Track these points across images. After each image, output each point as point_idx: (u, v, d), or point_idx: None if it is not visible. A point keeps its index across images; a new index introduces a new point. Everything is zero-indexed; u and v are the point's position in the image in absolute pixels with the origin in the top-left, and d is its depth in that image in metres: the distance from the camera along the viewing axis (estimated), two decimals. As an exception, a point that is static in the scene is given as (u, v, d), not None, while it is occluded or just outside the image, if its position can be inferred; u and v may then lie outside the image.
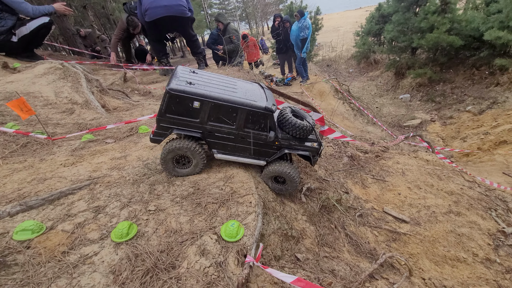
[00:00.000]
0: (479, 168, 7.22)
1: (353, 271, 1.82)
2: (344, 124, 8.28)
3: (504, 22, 8.64)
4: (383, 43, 14.58)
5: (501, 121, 8.42)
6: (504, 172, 4.75)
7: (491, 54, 9.78)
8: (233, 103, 1.57)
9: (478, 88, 9.99)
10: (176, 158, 1.66)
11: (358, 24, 16.30)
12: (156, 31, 4.98)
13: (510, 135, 7.86)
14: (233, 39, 7.07)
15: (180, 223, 1.36)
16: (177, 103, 1.52)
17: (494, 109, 8.95)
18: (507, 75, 9.08)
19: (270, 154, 1.80)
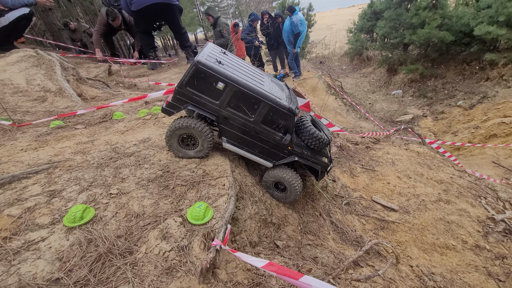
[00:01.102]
0: (470, 161, 7.23)
1: (337, 258, 1.72)
2: (337, 119, 8.22)
3: (494, 17, 8.68)
4: (376, 40, 14.61)
5: (491, 115, 8.46)
6: (493, 161, 4.73)
7: (481, 49, 9.83)
8: (258, 94, 1.46)
9: (468, 83, 10.04)
10: (182, 137, 1.53)
11: (351, 21, 16.30)
12: (144, 20, 4.79)
13: (500, 129, 7.89)
14: (223, 33, 6.95)
15: (144, 206, 1.25)
16: (201, 78, 1.41)
17: (484, 103, 8.99)
18: (497, 70, 9.13)
19: (279, 158, 1.69)
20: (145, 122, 1.95)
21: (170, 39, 18.74)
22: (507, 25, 8.67)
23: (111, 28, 5.39)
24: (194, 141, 1.55)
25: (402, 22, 11.33)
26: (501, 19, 8.49)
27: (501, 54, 9.21)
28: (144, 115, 2.07)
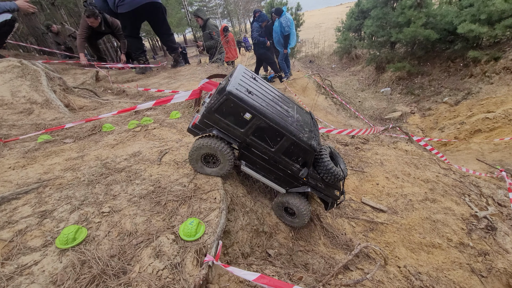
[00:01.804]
0: (456, 156, 7.44)
1: (328, 263, 1.78)
2: (327, 119, 8.32)
3: (476, 16, 8.93)
4: (364, 38, 14.81)
5: (475, 111, 8.73)
6: (477, 158, 4.90)
7: (465, 47, 10.11)
8: (283, 128, 1.51)
9: (453, 80, 10.31)
10: (205, 155, 1.58)
11: (339, 20, 16.47)
12: (134, 23, 4.69)
13: (484, 124, 8.16)
14: (213, 34, 6.93)
15: (136, 224, 1.26)
16: (230, 107, 1.46)
17: (469, 99, 9.27)
18: (480, 67, 9.41)
19: (293, 186, 1.75)
20: (135, 134, 1.96)
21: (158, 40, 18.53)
22: (488, 23, 8.93)
23: (95, 32, 5.27)
24: (216, 160, 1.60)
25: (389, 21, 11.53)
26: (483, 17, 8.74)
27: (483, 51, 9.50)
28: (134, 127, 2.07)
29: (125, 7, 4.30)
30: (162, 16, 4.91)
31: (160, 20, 4.93)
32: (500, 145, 7.46)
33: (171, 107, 2.60)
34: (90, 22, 4.85)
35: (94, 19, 4.85)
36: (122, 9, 4.34)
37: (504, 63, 8.75)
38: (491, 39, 9.41)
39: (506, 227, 2.65)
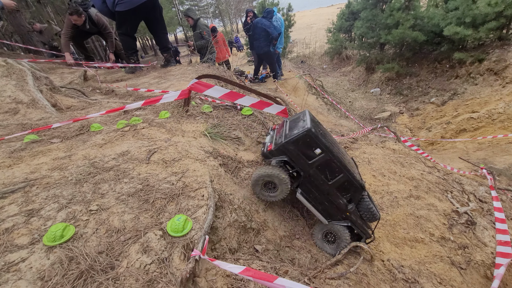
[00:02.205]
0: (442, 155, 7.66)
1: (314, 258, 1.84)
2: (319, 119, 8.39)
3: (461, 19, 9.21)
4: (354, 39, 15.04)
5: (461, 111, 9.00)
6: (460, 157, 5.06)
7: (451, 49, 10.41)
8: (343, 167, 1.77)
9: (440, 81, 10.60)
10: (265, 182, 1.83)
11: (330, 21, 16.68)
12: (133, 21, 4.64)
13: (469, 124, 8.42)
14: (203, 34, 6.93)
15: (124, 221, 1.28)
16: (306, 142, 1.70)
17: (455, 100, 9.55)
18: (465, 68, 9.71)
19: (336, 219, 1.94)
20: (123, 134, 1.97)
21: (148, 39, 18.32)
22: (472, 26, 9.21)
23: (81, 31, 5.17)
24: (274, 186, 1.84)
25: (378, 22, 11.75)
26: (467, 20, 9.01)
27: (468, 53, 9.78)
28: (122, 127, 2.08)
29: (125, 5, 4.26)
30: (159, 14, 4.90)
31: (158, 19, 4.92)
32: (484, 144, 7.72)
33: (160, 107, 2.61)
34: (73, 20, 4.76)
35: (77, 16, 4.75)
36: (122, 7, 4.29)
37: (487, 64, 9.05)
38: (475, 41, 9.72)
39: (485, 222, 2.77)
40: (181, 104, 2.44)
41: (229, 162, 2.00)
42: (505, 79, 8.40)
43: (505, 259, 1.86)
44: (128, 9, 4.26)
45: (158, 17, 4.85)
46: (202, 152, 1.88)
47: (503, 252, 1.90)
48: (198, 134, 2.06)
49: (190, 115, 2.33)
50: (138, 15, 4.51)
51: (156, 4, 4.63)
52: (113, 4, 4.32)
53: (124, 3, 4.24)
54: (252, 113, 2.59)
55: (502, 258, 1.86)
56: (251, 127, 2.44)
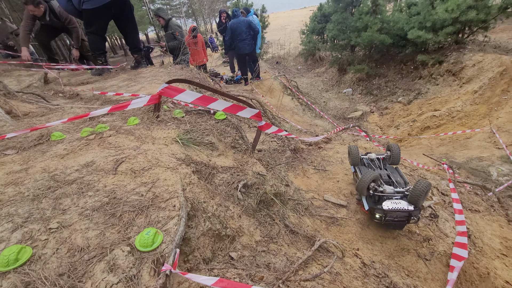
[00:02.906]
0: (409, 151, 8.14)
1: (289, 261, 1.86)
2: (294, 119, 8.58)
3: (422, 23, 9.87)
4: (326, 41, 15.51)
5: (424, 110, 9.63)
6: (424, 153, 5.41)
7: (414, 51, 11.11)
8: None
9: (406, 81, 11.27)
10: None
11: (303, 23, 17.05)
12: (102, 20, 4.36)
13: (432, 121, 9.03)
14: (176, 35, 6.76)
15: (88, 238, 1.21)
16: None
17: (419, 99, 10.20)
18: (427, 69, 10.41)
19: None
20: (88, 143, 1.85)
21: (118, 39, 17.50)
22: (433, 30, 9.88)
23: (49, 28, 4.80)
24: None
25: (348, 25, 12.21)
26: (428, 25, 9.65)
27: (430, 55, 10.48)
28: (87, 135, 1.96)
29: (93, 2, 3.99)
30: (130, 13, 4.69)
31: (128, 18, 4.68)
32: (445, 139, 8.32)
33: (129, 112, 2.50)
34: (30, 11, 4.39)
35: (33, 6, 4.38)
36: (89, 5, 4.01)
37: (446, 66, 9.77)
38: (435, 44, 10.45)
39: (447, 214, 2.98)
40: (151, 109, 2.36)
41: (202, 168, 1.96)
42: (462, 80, 9.13)
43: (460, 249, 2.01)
44: (96, 6, 4.02)
45: (128, 16, 4.65)
46: (173, 160, 1.82)
47: (460, 243, 2.05)
48: (170, 141, 2.00)
49: (161, 121, 2.26)
50: (107, 13, 4.28)
51: (127, 2, 4.43)
52: (80, 2, 4.05)
53: (91, 1, 4.00)
54: (226, 117, 2.57)
55: (459, 248, 2.01)
56: (225, 131, 2.42)
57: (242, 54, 8.04)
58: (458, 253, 1.95)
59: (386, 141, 9.29)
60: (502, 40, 10.76)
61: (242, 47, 7.78)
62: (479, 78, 8.61)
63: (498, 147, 6.58)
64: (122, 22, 4.69)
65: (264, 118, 4.90)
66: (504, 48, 9.98)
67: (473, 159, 6.33)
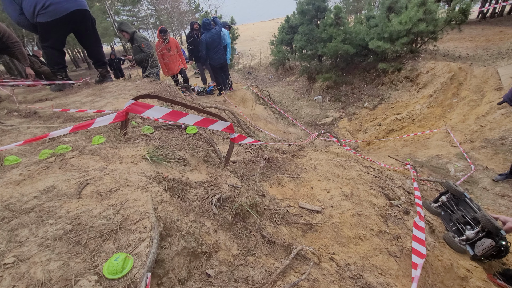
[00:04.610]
0: (377, 153, 8.60)
1: (268, 272, 1.86)
2: (268, 128, 8.71)
3: (381, 34, 10.67)
4: (295, 51, 16.12)
5: (388, 114, 10.29)
6: (389, 155, 5.76)
7: (376, 60, 11.93)
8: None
9: (370, 88, 12.01)
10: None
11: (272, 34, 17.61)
12: (59, 33, 4.11)
13: (395, 124, 9.65)
14: (142, 47, 6.61)
15: (50, 271, 1.12)
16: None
17: (383, 104, 10.90)
18: (388, 76, 11.20)
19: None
20: (48, 166, 1.74)
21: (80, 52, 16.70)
22: (390, 40, 10.69)
23: None
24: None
25: (315, 36, 12.81)
26: (386, 36, 10.43)
27: (389, 63, 11.29)
28: (46, 157, 1.84)
29: (48, 15, 3.76)
30: (91, 26, 4.49)
31: (89, 30, 4.48)
32: (408, 141, 8.92)
33: (94, 130, 2.39)
34: None
35: None
36: (44, 17, 3.77)
37: (404, 73, 10.58)
38: (393, 53, 11.33)
39: (413, 211, 3.19)
40: (118, 126, 2.28)
41: (175, 185, 1.92)
42: (419, 85, 9.93)
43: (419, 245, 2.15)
44: (51, 19, 3.81)
45: (89, 29, 4.46)
46: (143, 179, 1.77)
47: (417, 237, 2.20)
48: (139, 159, 1.94)
49: (129, 138, 2.18)
50: (64, 26, 4.07)
51: (86, 15, 4.25)
52: (33, 15, 3.81)
53: (46, 13, 3.78)
54: (198, 131, 2.55)
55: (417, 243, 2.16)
56: (197, 146, 2.39)
57: (217, 65, 8.14)
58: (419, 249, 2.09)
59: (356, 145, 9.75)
60: (449, 48, 11.96)
61: (217, 58, 7.88)
62: (432, 83, 9.44)
63: (453, 145, 7.21)
64: (83, 35, 4.49)
65: (238, 128, 4.93)
66: (451, 56, 11.09)
67: (433, 157, 6.86)
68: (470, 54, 10.98)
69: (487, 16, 16.68)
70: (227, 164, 2.53)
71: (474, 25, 14.85)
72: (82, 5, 4.11)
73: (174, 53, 7.26)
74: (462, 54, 11.16)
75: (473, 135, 7.19)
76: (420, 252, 2.06)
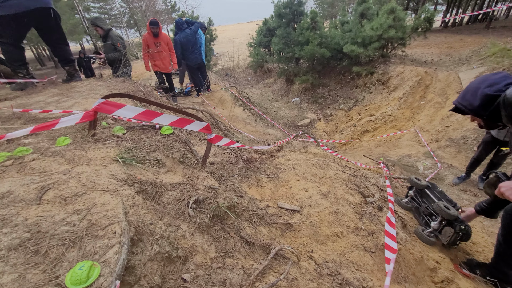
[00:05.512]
0: (353, 153, 8.89)
1: (246, 273, 1.83)
2: (247, 129, 8.70)
3: (354, 39, 11.10)
4: (273, 54, 16.31)
5: (362, 115, 10.71)
6: (364, 155, 5.97)
7: (350, 63, 12.39)
8: None
9: (345, 90, 12.44)
10: None
11: (251, 36, 17.70)
12: (18, 29, 3.81)
13: (369, 125, 10.05)
14: (117, 46, 6.32)
15: (3, 285, 1.01)
16: None
17: (357, 106, 11.33)
18: (362, 79, 11.67)
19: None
20: (4, 170, 1.58)
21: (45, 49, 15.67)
22: (363, 45, 11.14)
23: None
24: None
25: (292, 39, 13.04)
26: (359, 41, 10.86)
27: (362, 67, 11.75)
28: (3, 160, 1.68)
29: (7, 9, 3.48)
30: (55, 23, 4.21)
31: (53, 28, 4.20)
32: (381, 141, 9.31)
33: (59, 132, 2.22)
34: None
35: None
36: (3, 10, 3.49)
37: (376, 76, 11.08)
38: (366, 57, 11.83)
39: (386, 208, 3.32)
40: (86, 127, 2.14)
41: (148, 188, 1.84)
42: (390, 88, 10.44)
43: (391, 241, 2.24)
44: (8, 14, 3.54)
45: (52, 27, 4.19)
46: (114, 181, 1.67)
47: (389, 233, 2.29)
48: (109, 161, 1.83)
49: (98, 139, 2.06)
50: (24, 23, 3.79)
51: (49, 11, 3.98)
52: None
53: (3, 7, 3.51)
54: (173, 132, 2.47)
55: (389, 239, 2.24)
56: (172, 146, 2.31)
57: (193, 65, 8.02)
58: (391, 244, 2.17)
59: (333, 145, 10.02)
60: (417, 54, 12.74)
61: (194, 58, 7.76)
62: (402, 86, 9.98)
63: (421, 145, 7.65)
64: (45, 32, 4.22)
65: (216, 130, 4.86)
66: (418, 61, 11.82)
67: (404, 156, 7.23)
68: (435, 59, 11.77)
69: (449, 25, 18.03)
70: (205, 165, 2.47)
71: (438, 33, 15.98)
72: (46, 3, 3.86)
73: (163, 49, 6.59)
74: (428, 60, 11.94)
75: (439, 135, 7.68)
76: (392, 247, 2.14)
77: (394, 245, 2.19)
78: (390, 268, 1.83)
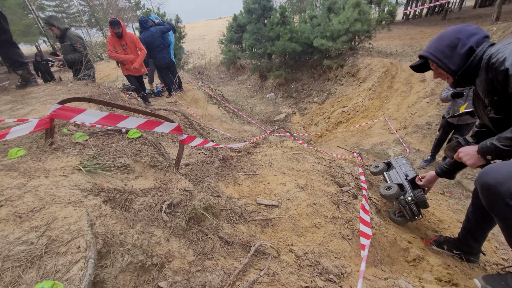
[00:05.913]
0: (328, 145, 9.13)
1: (226, 274, 1.81)
2: (223, 127, 8.60)
3: (323, 33, 11.35)
4: (245, 50, 16.23)
5: (335, 107, 11.02)
6: (338, 146, 6.16)
7: (321, 57, 12.66)
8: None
9: (318, 83, 12.71)
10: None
11: (221, 32, 17.45)
12: None
13: (342, 117, 10.36)
14: (77, 47, 5.89)
15: None
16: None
17: (330, 98, 11.64)
18: (333, 72, 11.99)
19: None
20: None
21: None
22: (332, 38, 11.42)
23: None
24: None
25: (263, 35, 13.05)
26: (328, 34, 11.12)
27: (333, 60, 12.05)
28: None
29: None
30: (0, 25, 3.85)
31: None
32: (355, 131, 9.65)
33: (12, 142, 2.03)
34: None
35: None
36: None
37: (346, 69, 11.43)
38: (336, 51, 12.15)
39: (360, 196, 3.44)
40: (42, 136, 1.97)
41: (116, 196, 1.74)
42: (359, 80, 10.83)
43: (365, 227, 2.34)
44: None
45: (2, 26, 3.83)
46: (76, 192, 1.56)
47: (364, 219, 2.38)
48: (70, 171, 1.70)
49: (57, 148, 1.90)
50: None
51: None
52: None
53: None
54: (141, 135, 2.36)
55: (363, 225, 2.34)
56: (141, 150, 2.21)
57: (162, 65, 7.74)
58: (365, 231, 2.25)
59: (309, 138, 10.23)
60: (382, 46, 13.32)
61: (162, 57, 7.49)
62: (370, 77, 10.40)
63: (391, 132, 8.05)
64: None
65: (191, 130, 4.74)
66: (384, 53, 12.37)
67: (376, 144, 7.57)
68: (399, 50, 12.40)
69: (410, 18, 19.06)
70: (178, 168, 2.39)
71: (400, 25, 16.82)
72: None
73: (131, 50, 6.05)
74: (392, 51, 12.54)
75: (406, 122, 8.12)
76: (367, 234, 2.22)
77: (368, 231, 2.28)
78: (365, 254, 1.90)
